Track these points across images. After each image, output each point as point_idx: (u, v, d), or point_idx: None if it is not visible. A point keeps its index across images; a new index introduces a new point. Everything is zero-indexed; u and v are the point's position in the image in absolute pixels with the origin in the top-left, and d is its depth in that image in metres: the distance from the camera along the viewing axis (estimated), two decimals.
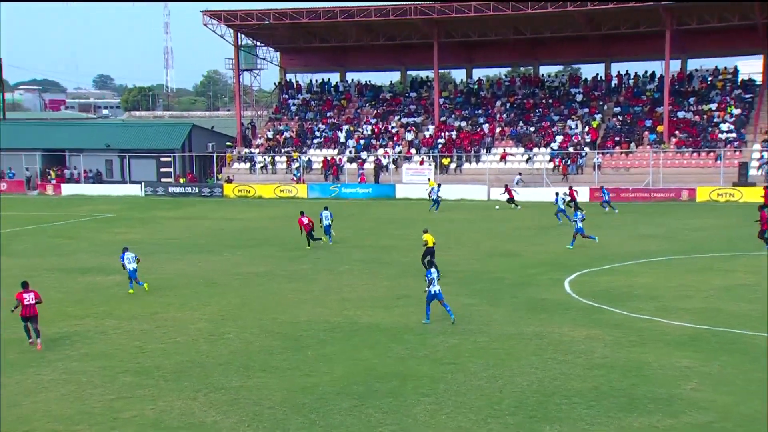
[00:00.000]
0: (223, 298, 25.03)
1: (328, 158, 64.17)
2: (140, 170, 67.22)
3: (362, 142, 66.11)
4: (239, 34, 68.66)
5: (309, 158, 65.16)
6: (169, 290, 26.13)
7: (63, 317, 22.39)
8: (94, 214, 49.92)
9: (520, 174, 58.12)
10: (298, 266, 30.55)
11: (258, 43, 72.89)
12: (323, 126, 69.84)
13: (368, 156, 64.27)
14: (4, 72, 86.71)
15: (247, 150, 68.42)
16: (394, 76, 78.86)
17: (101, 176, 68.12)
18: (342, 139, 67.23)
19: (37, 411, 15.05)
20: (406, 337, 19.91)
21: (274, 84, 77.75)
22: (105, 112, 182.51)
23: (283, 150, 67.30)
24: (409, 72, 75.96)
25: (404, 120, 68.37)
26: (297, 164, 64.12)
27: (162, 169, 67.09)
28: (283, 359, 18.26)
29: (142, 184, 64.28)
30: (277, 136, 69.25)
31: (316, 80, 76.76)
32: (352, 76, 76.72)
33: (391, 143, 65.63)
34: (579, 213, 33.85)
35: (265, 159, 65.96)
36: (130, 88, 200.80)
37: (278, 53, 75.41)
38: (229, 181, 64.16)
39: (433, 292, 21.03)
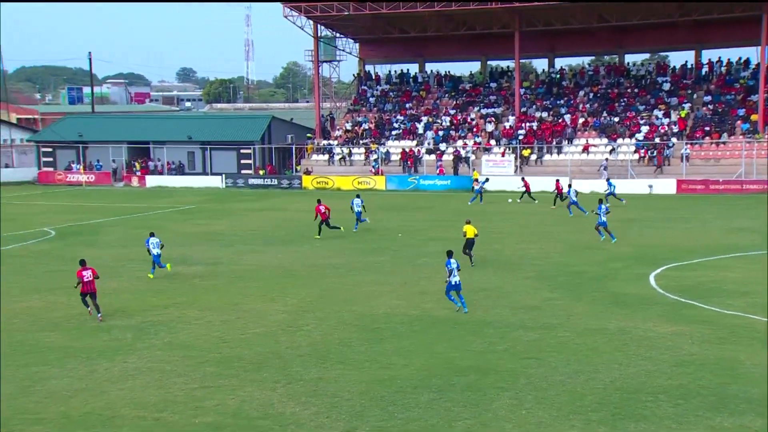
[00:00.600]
0: (302, 289, 25.34)
1: (407, 150, 64.21)
2: (221, 162, 68.57)
3: (441, 133, 65.92)
4: (319, 25, 69.28)
5: (387, 150, 65.32)
6: (249, 281, 26.60)
7: (147, 307, 23.04)
8: (176, 205, 51.18)
9: (606, 160, 57.04)
10: (377, 258, 30.68)
11: (337, 35, 73.42)
12: (401, 117, 69.90)
13: (447, 147, 64.05)
14: (93, 66, 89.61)
15: (325, 142, 69.05)
16: (474, 66, 78.42)
17: (183, 168, 69.77)
18: (420, 131, 67.17)
19: (123, 398, 15.54)
20: (486, 331, 19.79)
21: (353, 75, 78.19)
22: (187, 104, 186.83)
23: (361, 141, 67.66)
24: (489, 62, 75.30)
25: (484, 111, 67.86)
26: (375, 156, 64.38)
27: (242, 161, 68.31)
28: (361, 351, 18.38)
29: (223, 175, 65.59)
30: (356, 128, 69.65)
31: (395, 71, 76.90)
32: (431, 67, 76.56)
33: (470, 134, 65.25)
34: (603, 206, 33.11)
35: (343, 151, 66.46)
36: (212, 80, 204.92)
37: (357, 44, 75.80)
38: (307, 172, 64.89)
39: (453, 283, 21.54)
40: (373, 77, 76.34)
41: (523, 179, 50.98)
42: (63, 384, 16.31)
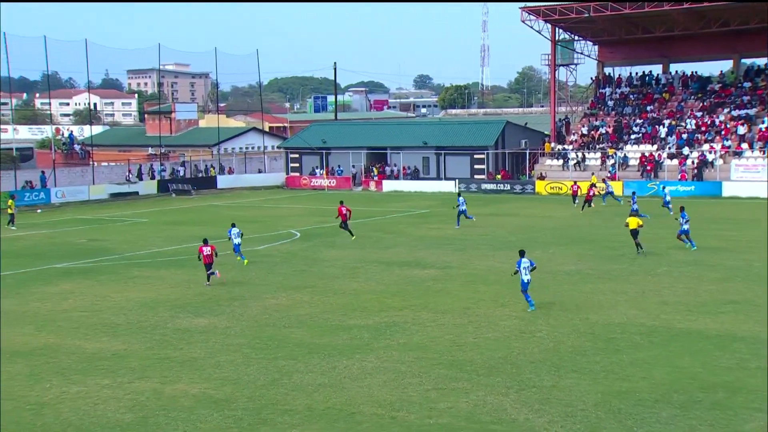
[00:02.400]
0: (534, 295, 25.06)
1: (646, 154, 61.55)
2: (454, 167, 69.52)
3: (684, 136, 62.53)
4: (557, 28, 68.28)
5: (625, 154, 63.02)
6: (481, 285, 26.75)
7: (384, 308, 23.86)
8: (410, 209, 52.57)
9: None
10: (613, 266, 29.71)
11: (576, 37, 71.99)
12: (642, 121, 67.15)
13: (691, 152, 60.64)
14: (337, 76, 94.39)
15: (560, 146, 67.88)
16: (724, 65, 73.50)
17: (418, 173, 71.52)
18: (662, 135, 64.13)
19: (362, 395, 16.21)
20: (735, 346, 18.52)
21: (591, 78, 76.26)
22: (423, 110, 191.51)
23: (597, 146, 65.80)
24: (742, 60, 70.24)
25: (735, 113, 63.49)
26: (612, 161, 62.34)
27: (475, 166, 68.84)
28: (595, 361, 17.89)
29: (456, 180, 66.47)
30: (592, 132, 67.85)
31: (636, 73, 74.01)
32: (676, 67, 72.88)
33: (718, 137, 61.32)
34: (685, 214, 32.59)
35: (578, 155, 64.99)
36: (447, 86, 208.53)
37: (596, 46, 73.91)
38: (541, 177, 64.14)
39: (526, 281, 22.81)
40: (615, 80, 73.98)
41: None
42: (307, 378, 17.30)
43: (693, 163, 59.62)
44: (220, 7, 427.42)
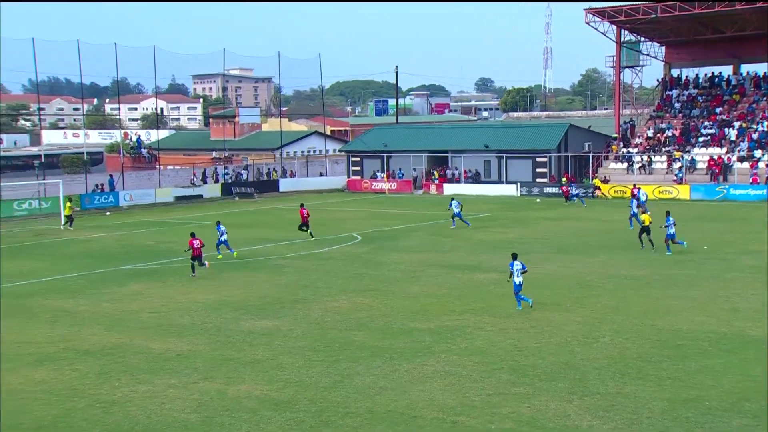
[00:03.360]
0: (597, 300, 24.75)
1: (714, 157, 60.13)
2: (516, 170, 68.95)
3: (756, 138, 60.89)
4: (622, 30, 67.24)
5: (692, 158, 61.67)
6: (542, 290, 26.47)
7: (445, 311, 23.81)
8: (471, 213, 52.33)
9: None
10: (680, 271, 29.11)
11: (642, 39, 70.76)
12: (710, 123, 65.62)
13: (763, 155, 59.04)
14: (398, 79, 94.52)
15: (625, 149, 66.80)
16: None
17: (479, 176, 71.15)
18: (732, 137, 62.57)
19: (423, 399, 16.20)
20: None
21: (657, 80, 74.85)
22: (484, 114, 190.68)
23: (663, 149, 64.55)
24: None
25: None
26: (679, 164, 61.07)
27: (537, 170, 68.19)
28: (662, 368, 17.55)
29: (518, 184, 65.93)
30: (658, 135, 66.59)
31: (705, 74, 72.34)
32: (747, 68, 71.01)
33: None
34: (670, 218, 33.14)
35: (643, 159, 63.84)
36: (509, 89, 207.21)
37: (663, 48, 72.51)
38: (605, 181, 63.19)
39: (518, 283, 23.54)
40: (683, 82, 72.46)
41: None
42: (368, 381, 17.36)
43: (766, 166, 58.04)
44: (284, 12, 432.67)
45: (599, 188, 59.18)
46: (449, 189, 68.83)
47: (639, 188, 50.17)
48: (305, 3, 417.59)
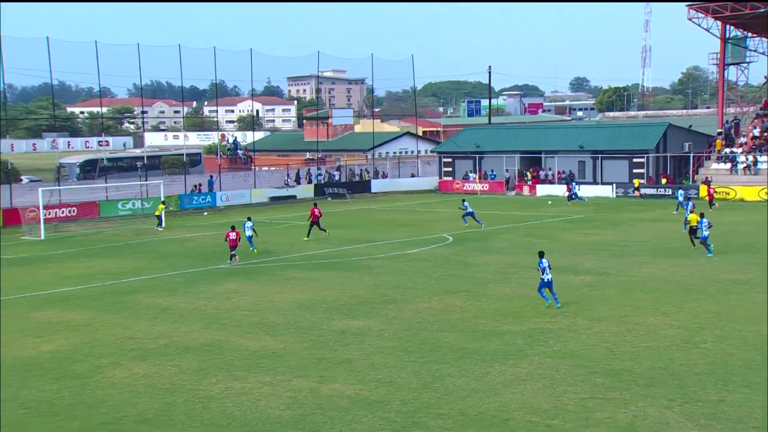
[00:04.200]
0: (698, 304, 23.98)
1: None
2: (612, 171, 67.48)
3: None
4: (727, 25, 64.95)
5: None
6: (640, 293, 25.84)
7: (537, 314, 23.50)
8: (564, 214, 51.48)
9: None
10: None
11: (748, 34, 68.18)
12: None
13: None
14: (491, 79, 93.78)
15: (728, 149, 64.50)
16: None
17: (573, 177, 69.96)
18: None
19: (515, 401, 16.02)
20: None
21: (765, 77, 71.96)
22: (579, 114, 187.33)
23: None
24: None
25: None
26: None
27: (634, 170, 66.54)
28: None
29: (614, 185, 64.53)
30: (765, 134, 64.02)
31: None
32: None
33: None
34: (704, 220, 33.09)
35: (748, 159, 61.50)
36: (605, 89, 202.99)
37: None
38: (706, 182, 61.15)
39: (546, 281, 23.69)
40: None
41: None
42: (459, 383, 17.29)
43: None
44: (377, 13, 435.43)
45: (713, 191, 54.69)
46: (542, 190, 67.91)
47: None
48: (398, 3, 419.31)
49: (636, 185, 62.66)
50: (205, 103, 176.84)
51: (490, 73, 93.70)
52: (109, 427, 15.21)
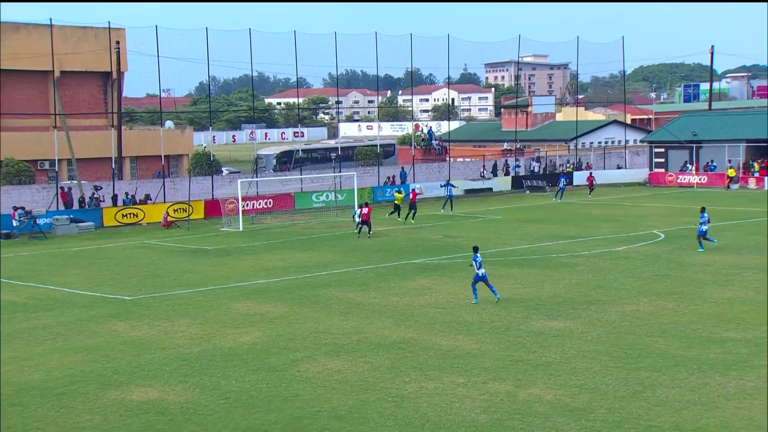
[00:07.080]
0: None
1: None
2: None
3: None
4: None
5: None
6: None
7: (765, 321, 22.03)
8: None
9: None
10: None
11: None
12: None
13: None
14: (714, 60, 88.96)
15: None
16: None
17: None
18: None
19: (740, 418, 15.16)
20: None
21: None
22: None
23: None
24: None
25: None
26: None
27: None
28: None
29: None
30: None
31: None
32: None
33: None
34: (704, 215, 34.00)
35: None
36: None
37: None
38: None
39: (480, 275, 25.12)
40: None
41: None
42: (673, 393, 16.56)
43: None
44: None
45: None
46: None
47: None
48: None
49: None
50: (399, 92, 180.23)
51: (712, 53, 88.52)
52: (304, 421, 15.84)
